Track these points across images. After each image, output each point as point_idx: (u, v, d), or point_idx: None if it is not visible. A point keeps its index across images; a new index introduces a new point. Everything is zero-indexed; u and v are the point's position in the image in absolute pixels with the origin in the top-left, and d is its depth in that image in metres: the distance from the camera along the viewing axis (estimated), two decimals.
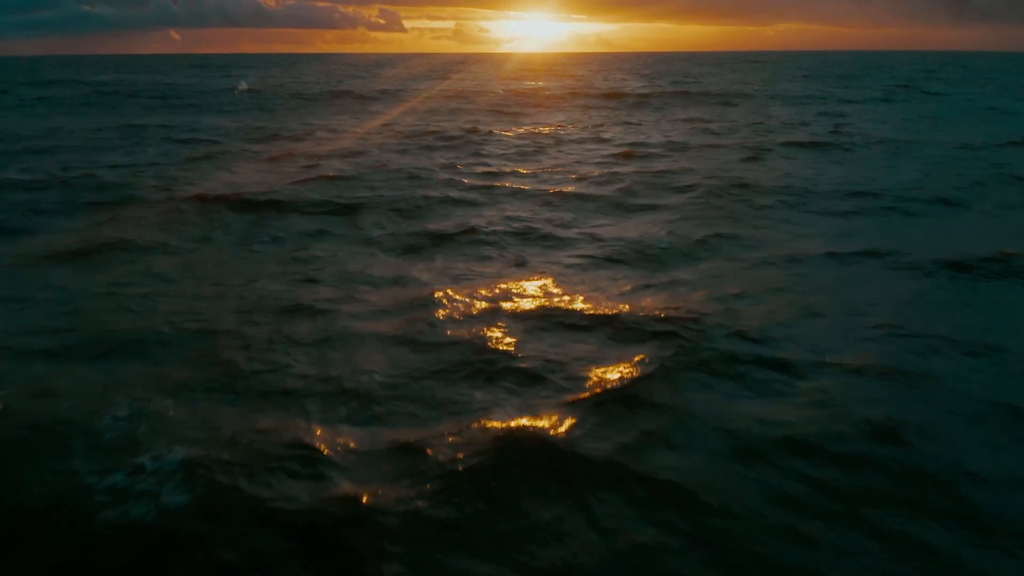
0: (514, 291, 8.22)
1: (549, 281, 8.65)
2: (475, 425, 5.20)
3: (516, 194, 14.07)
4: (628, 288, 8.39)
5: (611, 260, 9.58)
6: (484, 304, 7.74)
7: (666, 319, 7.16)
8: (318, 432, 5.16)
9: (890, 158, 18.42)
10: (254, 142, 22.22)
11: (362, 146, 20.92)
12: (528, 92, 44.36)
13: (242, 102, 37.81)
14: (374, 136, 23.44)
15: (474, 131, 24.67)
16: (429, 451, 4.87)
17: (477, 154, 19.02)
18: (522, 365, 6.23)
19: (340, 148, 20.35)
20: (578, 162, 18.25)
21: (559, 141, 22.34)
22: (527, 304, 7.76)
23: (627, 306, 7.61)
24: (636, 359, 6.31)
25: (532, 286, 8.45)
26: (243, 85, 29.71)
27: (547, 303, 7.79)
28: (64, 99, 38.73)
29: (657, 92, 42.82)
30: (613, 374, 6.03)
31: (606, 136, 23.45)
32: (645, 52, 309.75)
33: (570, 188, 14.47)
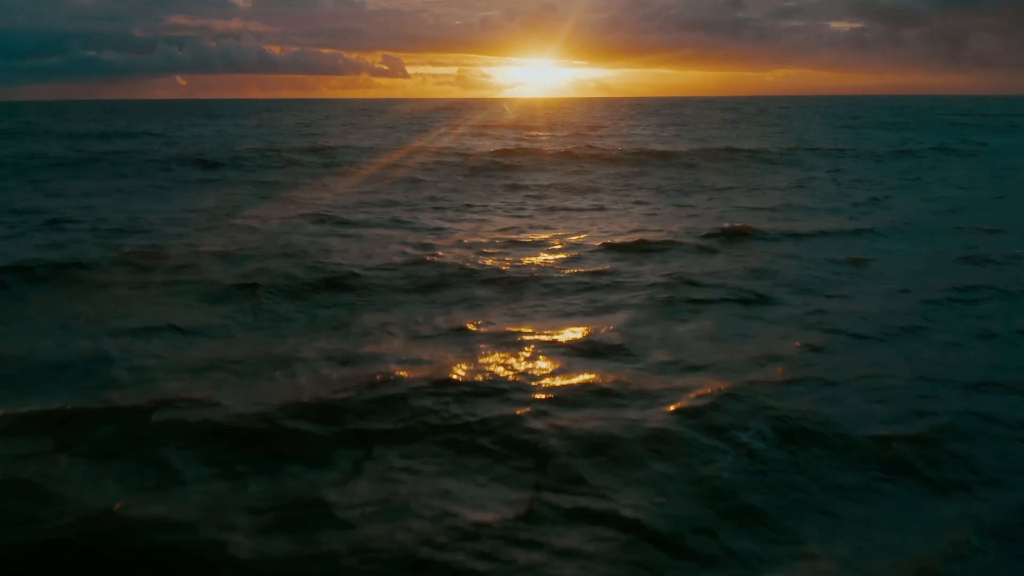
0: None
1: None
2: None
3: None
4: None
5: None
6: None
7: None
8: None
9: None
10: (112, 235, 14.57)
11: (256, 243, 13.28)
12: (528, 151, 36.24)
13: (170, 172, 29.53)
14: (284, 223, 15.87)
15: (434, 226, 17.16)
16: None
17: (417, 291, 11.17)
18: None
19: (218, 249, 12.73)
20: (600, 307, 10.57)
21: (557, 242, 14.74)
22: None
23: None
24: None
25: None
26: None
27: None
28: None
29: (683, 151, 34.64)
30: None
31: (625, 225, 15.85)
32: (646, 97, 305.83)
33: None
